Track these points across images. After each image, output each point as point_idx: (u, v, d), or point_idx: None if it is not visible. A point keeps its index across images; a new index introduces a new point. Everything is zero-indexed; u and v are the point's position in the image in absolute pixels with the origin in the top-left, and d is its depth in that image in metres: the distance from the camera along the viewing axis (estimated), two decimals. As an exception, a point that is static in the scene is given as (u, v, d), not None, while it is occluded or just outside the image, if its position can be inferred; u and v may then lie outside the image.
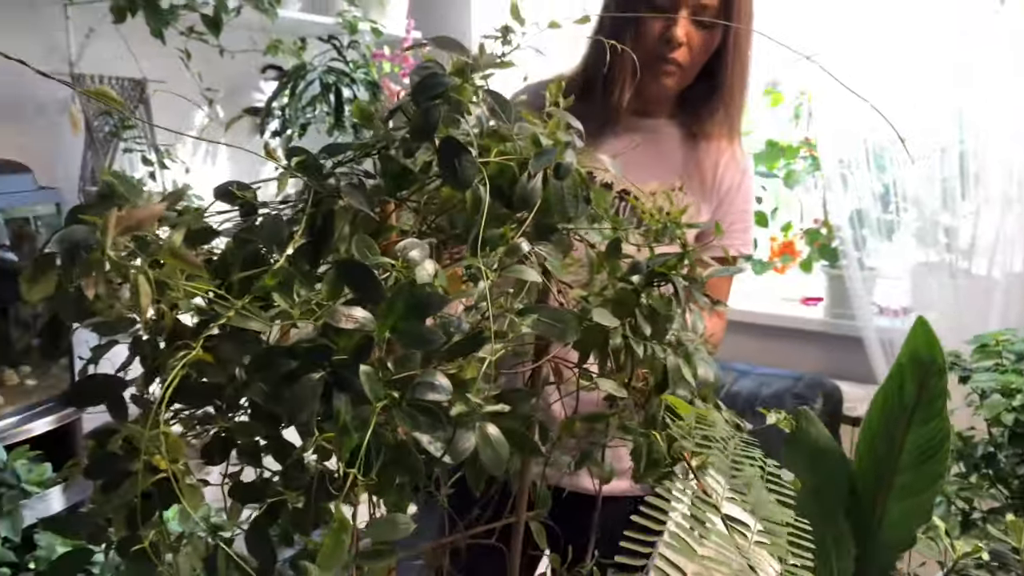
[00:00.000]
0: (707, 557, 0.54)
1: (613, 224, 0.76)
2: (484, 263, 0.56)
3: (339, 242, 0.60)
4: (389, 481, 0.57)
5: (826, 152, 2.27)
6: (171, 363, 0.48)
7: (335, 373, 0.53)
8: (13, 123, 2.01)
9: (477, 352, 0.53)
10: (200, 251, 0.60)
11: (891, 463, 1.07)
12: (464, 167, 0.60)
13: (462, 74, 0.61)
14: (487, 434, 0.52)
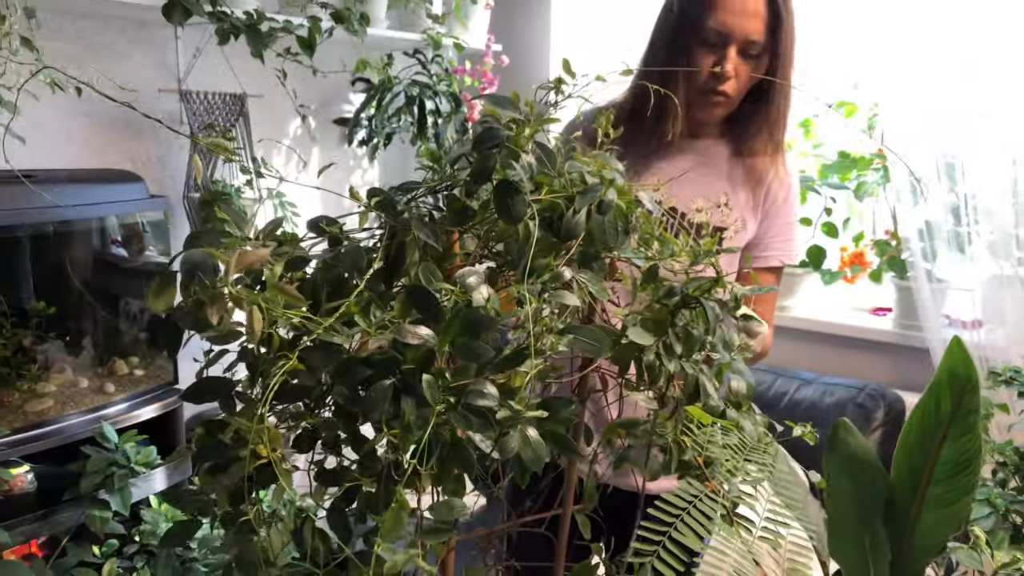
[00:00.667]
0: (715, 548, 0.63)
1: (662, 246, 0.86)
2: (530, 289, 0.66)
3: (409, 268, 0.71)
4: (447, 472, 0.68)
5: (896, 163, 2.29)
6: (272, 369, 0.59)
7: (403, 380, 0.64)
8: (128, 137, 2.20)
9: (520, 366, 0.63)
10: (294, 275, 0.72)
11: (926, 474, 1.12)
12: (516, 205, 0.70)
13: (515, 127, 0.70)
14: (527, 436, 0.62)
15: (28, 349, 1.87)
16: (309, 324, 0.61)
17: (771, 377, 2.35)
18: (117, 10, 2.05)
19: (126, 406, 1.95)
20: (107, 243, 2.07)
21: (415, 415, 0.62)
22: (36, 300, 1.89)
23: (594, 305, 0.84)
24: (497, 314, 0.66)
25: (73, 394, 1.90)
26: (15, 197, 1.74)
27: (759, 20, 1.29)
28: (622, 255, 0.84)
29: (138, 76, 2.21)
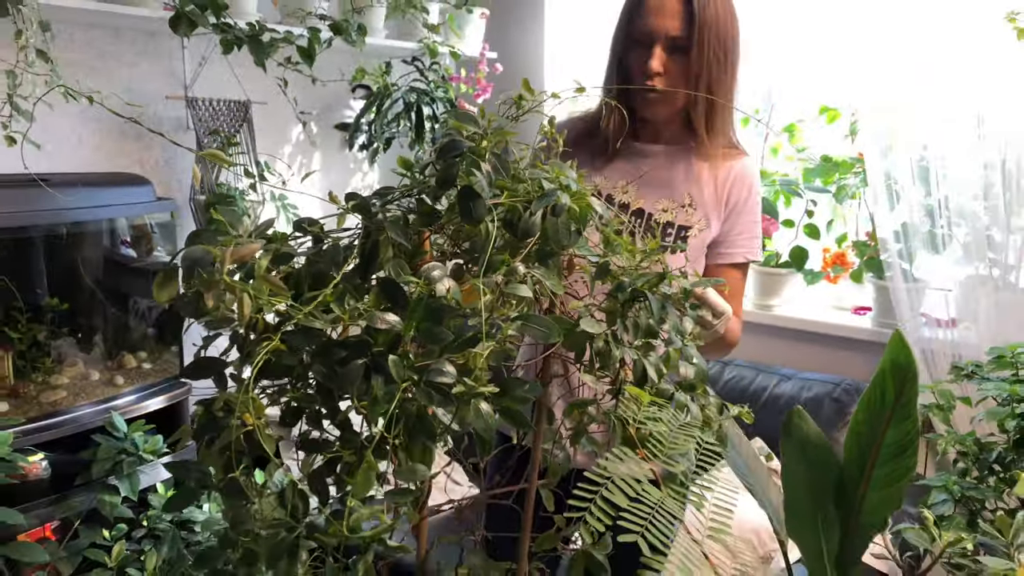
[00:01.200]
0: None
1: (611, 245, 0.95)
2: (486, 282, 0.76)
3: (384, 263, 0.81)
4: (415, 442, 0.77)
5: (873, 167, 2.37)
6: (258, 349, 0.69)
7: (373, 360, 0.73)
8: (137, 142, 2.30)
9: (475, 348, 0.73)
10: (281, 269, 0.82)
11: (872, 456, 1.21)
12: (476, 208, 0.80)
13: (477, 140, 0.80)
14: (479, 408, 0.72)
15: (42, 343, 1.97)
16: (291, 310, 0.71)
17: (752, 372, 2.44)
18: (127, 21, 2.15)
19: (134, 398, 2.05)
20: (117, 243, 2.17)
21: (383, 391, 0.72)
22: (50, 297, 1.99)
23: (553, 298, 0.94)
24: (458, 304, 0.76)
25: (85, 386, 2.00)
26: (31, 199, 1.85)
27: (677, 18, 1.38)
28: (577, 252, 0.93)
29: (147, 84, 2.31)
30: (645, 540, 0.70)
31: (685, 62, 1.40)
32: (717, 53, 1.40)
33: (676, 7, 1.38)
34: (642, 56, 1.41)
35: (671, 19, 1.38)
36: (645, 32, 1.41)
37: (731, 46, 1.43)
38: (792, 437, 1.29)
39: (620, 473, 0.73)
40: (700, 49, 1.38)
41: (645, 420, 0.80)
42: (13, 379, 1.92)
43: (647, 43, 1.41)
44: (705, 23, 1.38)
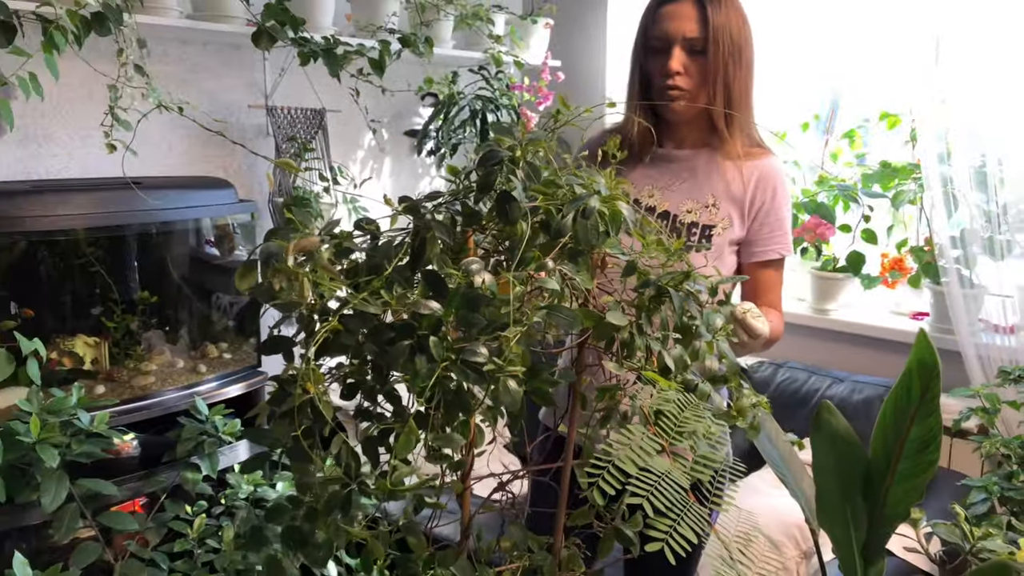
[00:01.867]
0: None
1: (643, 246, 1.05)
2: (517, 276, 0.86)
3: (430, 258, 0.92)
4: (453, 416, 0.88)
5: (931, 172, 2.39)
6: (319, 328, 0.81)
7: (418, 341, 0.84)
8: (221, 148, 2.48)
9: (504, 332, 0.83)
10: (343, 261, 0.93)
11: (897, 451, 1.27)
12: (512, 211, 0.90)
13: (513, 150, 0.91)
14: (507, 385, 0.82)
15: (135, 333, 2.16)
16: (349, 296, 0.82)
17: (805, 375, 2.48)
18: (214, 36, 2.32)
19: (215, 384, 2.22)
20: (201, 243, 2.35)
21: (425, 368, 0.83)
22: (142, 291, 2.17)
23: (586, 293, 1.04)
24: (493, 294, 0.86)
25: (171, 373, 2.18)
26: (126, 201, 2.02)
27: (693, 20, 1.48)
28: (607, 252, 1.03)
29: (231, 93, 2.49)
30: (650, 504, 0.79)
31: (703, 62, 1.49)
32: (732, 52, 1.49)
33: (691, 11, 1.48)
34: (662, 60, 1.51)
35: (687, 22, 1.48)
36: (663, 37, 1.51)
37: (744, 45, 1.52)
38: (822, 431, 1.36)
39: (628, 445, 0.82)
40: (716, 48, 1.48)
41: (657, 401, 0.88)
42: (108, 365, 2.11)
43: (666, 47, 1.50)
44: (719, 24, 1.47)
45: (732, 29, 1.49)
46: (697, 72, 1.50)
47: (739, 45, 1.50)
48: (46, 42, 1.69)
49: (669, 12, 1.51)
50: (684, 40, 1.49)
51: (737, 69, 1.50)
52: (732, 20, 1.50)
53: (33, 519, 1.84)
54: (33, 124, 2.12)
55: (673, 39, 1.49)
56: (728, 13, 1.49)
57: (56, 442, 1.74)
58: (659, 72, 1.52)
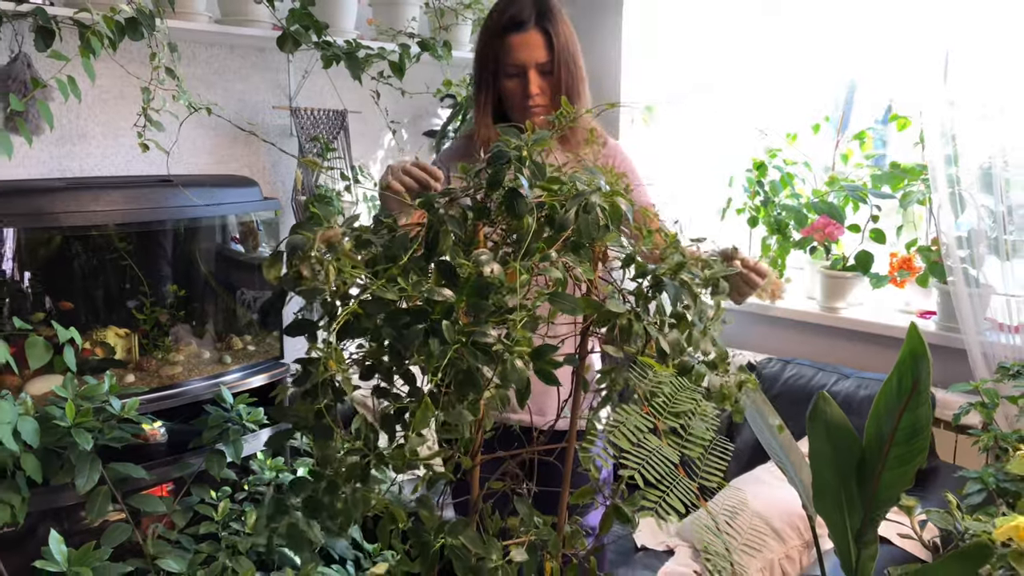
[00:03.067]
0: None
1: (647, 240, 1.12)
2: (523, 265, 0.93)
3: (443, 249, 0.99)
4: (464, 394, 0.95)
5: (938, 174, 2.44)
6: (340, 312, 0.88)
7: (431, 325, 0.91)
8: (246, 147, 2.57)
9: (510, 316, 0.90)
10: (363, 252, 1.01)
11: (889, 438, 1.33)
12: (519, 206, 0.97)
13: (519, 149, 0.98)
14: (514, 364, 0.89)
15: (163, 325, 2.25)
16: (368, 283, 0.90)
17: (812, 371, 2.53)
18: (240, 40, 2.41)
19: (240, 374, 2.31)
20: (227, 239, 2.44)
21: (439, 349, 0.90)
22: (170, 285, 2.26)
23: (589, 283, 1.11)
24: (501, 283, 0.94)
25: (197, 363, 2.27)
26: (155, 198, 2.12)
27: (541, 48, 1.68)
28: (610, 246, 1.10)
29: (256, 95, 2.58)
30: (641, 476, 0.86)
31: (552, 80, 1.71)
32: (571, 68, 1.72)
33: (538, 39, 1.69)
34: (519, 83, 1.71)
35: (537, 50, 1.69)
36: (518, 65, 1.70)
37: (579, 59, 1.75)
38: (818, 420, 1.42)
39: (623, 423, 0.89)
40: (562, 68, 1.70)
41: (652, 383, 0.95)
42: (138, 355, 2.20)
43: (521, 72, 1.70)
44: (562, 48, 1.70)
45: (571, 47, 1.72)
46: (549, 88, 1.71)
47: (575, 57, 1.73)
48: (83, 46, 1.78)
49: (519, 42, 1.69)
50: (537, 65, 1.69)
51: (578, 78, 1.73)
52: (570, 39, 1.72)
53: (67, 500, 1.93)
54: (69, 124, 2.21)
55: (527, 66, 1.69)
56: (566, 34, 1.71)
57: (90, 426, 1.84)
58: (519, 94, 1.72)
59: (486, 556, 1.06)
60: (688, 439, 0.91)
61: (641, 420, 0.90)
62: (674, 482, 0.86)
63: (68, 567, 1.74)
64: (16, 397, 1.82)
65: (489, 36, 1.74)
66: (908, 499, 1.59)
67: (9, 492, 1.74)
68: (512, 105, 1.75)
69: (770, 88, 2.96)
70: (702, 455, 0.92)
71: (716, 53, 2.97)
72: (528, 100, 1.71)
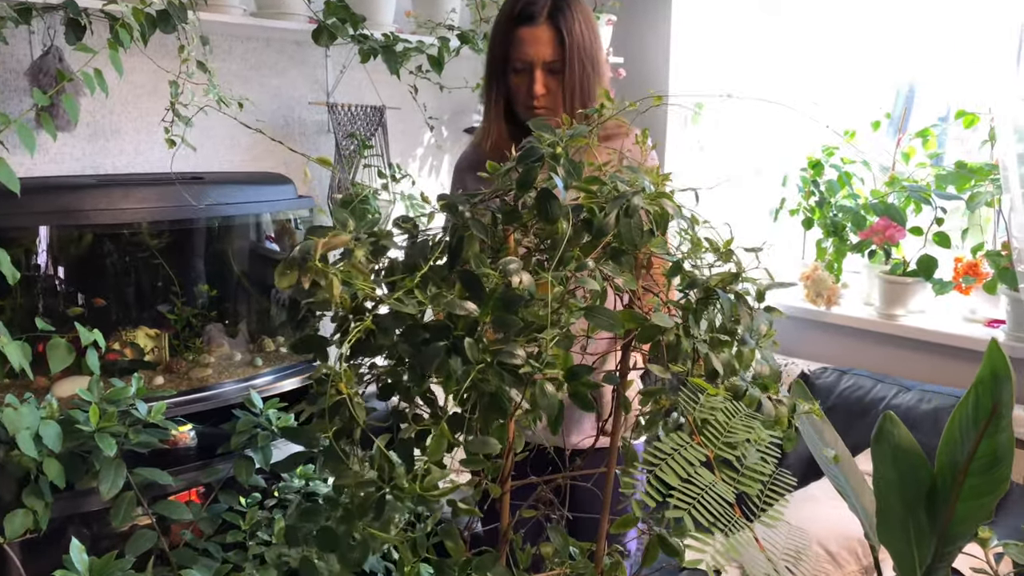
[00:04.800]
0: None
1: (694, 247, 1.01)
2: (555, 276, 0.84)
3: (469, 257, 0.90)
4: (490, 420, 0.86)
5: (1010, 174, 2.28)
6: (353, 327, 0.79)
7: (453, 343, 0.82)
8: (281, 145, 2.50)
9: (540, 334, 0.80)
10: (381, 260, 0.92)
11: (964, 466, 1.20)
12: (552, 208, 0.87)
13: (554, 146, 0.88)
14: (544, 389, 0.80)
15: (195, 325, 2.19)
16: (383, 296, 0.81)
17: (871, 382, 2.39)
18: (276, 34, 2.35)
19: (271, 378, 2.24)
20: (262, 238, 2.38)
21: (461, 370, 0.81)
22: (202, 284, 2.21)
23: (632, 295, 1.01)
24: (531, 295, 0.84)
25: (228, 365, 2.21)
26: (190, 195, 2.06)
27: (550, 44, 1.57)
28: (655, 252, 1.00)
29: (293, 90, 2.51)
30: (692, 517, 0.75)
31: (561, 80, 1.59)
32: (586, 67, 1.59)
33: (548, 35, 1.57)
34: (524, 80, 1.60)
35: (545, 46, 1.57)
36: (525, 61, 1.59)
37: (597, 53, 1.62)
38: (883, 443, 1.30)
39: (671, 455, 0.79)
40: (571, 68, 1.57)
41: (704, 409, 0.85)
42: (168, 356, 2.15)
43: (527, 68, 1.59)
44: (573, 45, 1.57)
45: (586, 45, 1.59)
46: (557, 88, 1.60)
47: (592, 56, 1.61)
48: (111, 39, 1.72)
49: (527, 36, 1.58)
50: (544, 63, 1.58)
51: (591, 82, 1.60)
52: (585, 36, 1.59)
53: (92, 506, 1.88)
54: (101, 120, 2.17)
55: (534, 63, 1.58)
56: (581, 30, 1.59)
57: (114, 431, 1.78)
58: (524, 92, 1.61)
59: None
60: (745, 473, 0.80)
61: (692, 452, 0.79)
62: (730, 523, 0.76)
63: (89, 575, 1.69)
64: (42, 399, 1.77)
65: (500, 26, 1.63)
66: (983, 530, 1.46)
67: (32, 497, 1.70)
68: (517, 103, 1.65)
69: (827, 84, 2.82)
70: (760, 492, 0.81)
71: (769, 49, 2.83)
72: (532, 100, 1.60)
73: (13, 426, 1.51)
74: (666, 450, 0.79)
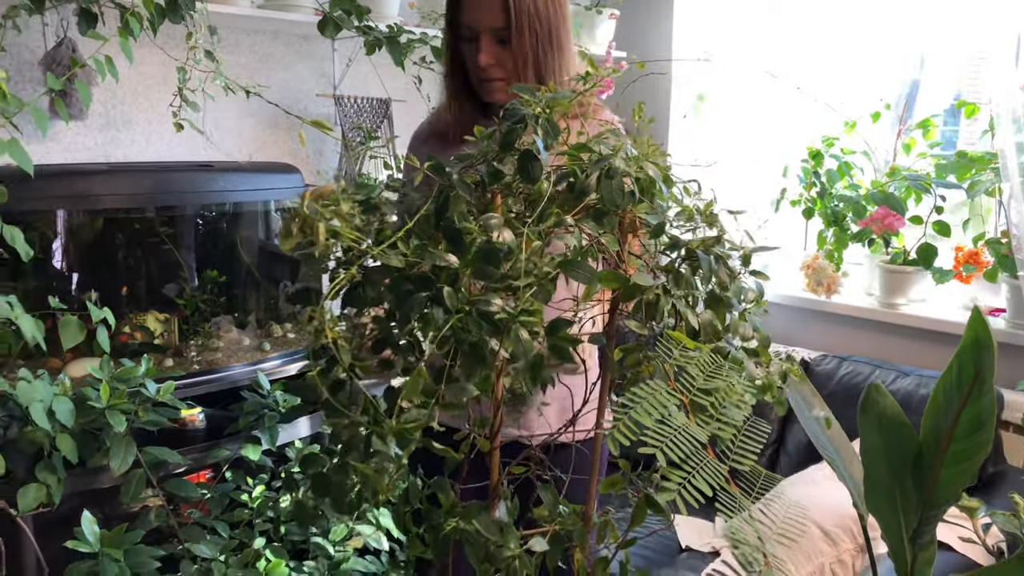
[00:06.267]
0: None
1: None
2: (534, 230, 0.87)
3: (457, 215, 0.93)
4: (472, 370, 0.90)
5: (1010, 163, 2.30)
6: (340, 277, 0.83)
7: (435, 293, 0.86)
8: (288, 134, 2.56)
9: (516, 283, 0.84)
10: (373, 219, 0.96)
11: (948, 432, 1.23)
12: (533, 169, 0.91)
13: (532, 107, 0.92)
14: (519, 335, 0.84)
15: (204, 310, 2.24)
16: (369, 248, 0.85)
17: (869, 368, 2.41)
18: (284, 26, 2.40)
19: (279, 362, 2.29)
20: (269, 226, 2.43)
21: (442, 319, 0.85)
22: (210, 270, 2.26)
23: (617, 256, 1.04)
24: (509, 249, 0.88)
25: (236, 349, 2.26)
26: (196, 183, 2.11)
27: (495, 9, 1.42)
28: (639, 216, 1.03)
29: (300, 83, 2.57)
30: (664, 454, 0.79)
31: (513, 49, 1.44)
32: (542, 36, 1.43)
33: (493, 1, 1.42)
34: (473, 49, 1.47)
35: (489, 11, 1.43)
36: (471, 27, 1.46)
37: (559, 24, 1.46)
38: (869, 412, 1.32)
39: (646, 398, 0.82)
40: (520, 35, 1.42)
41: (680, 359, 0.88)
42: (178, 340, 2.20)
43: (474, 36, 1.46)
44: (522, 11, 1.42)
45: (540, 12, 1.43)
46: (509, 59, 1.46)
47: (550, 27, 1.45)
48: (121, 27, 1.78)
49: (471, 1, 1.46)
50: (490, 30, 1.44)
51: (549, 51, 1.45)
52: (539, 2, 1.43)
53: (103, 483, 1.93)
54: (113, 110, 2.23)
55: (478, 29, 1.45)
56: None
57: (125, 408, 1.83)
58: (472, 62, 1.48)
59: (503, 544, 1.01)
60: (720, 419, 0.84)
61: (667, 396, 0.83)
62: (701, 463, 0.79)
63: (100, 548, 1.73)
64: (55, 379, 1.82)
65: None
66: (971, 501, 1.48)
67: (45, 472, 1.74)
68: (470, 74, 1.51)
69: (827, 75, 2.84)
70: (735, 436, 0.84)
71: (771, 43, 2.86)
72: (482, 71, 1.47)
73: (27, 398, 1.56)
74: (641, 395, 0.83)
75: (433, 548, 1.04)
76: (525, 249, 0.85)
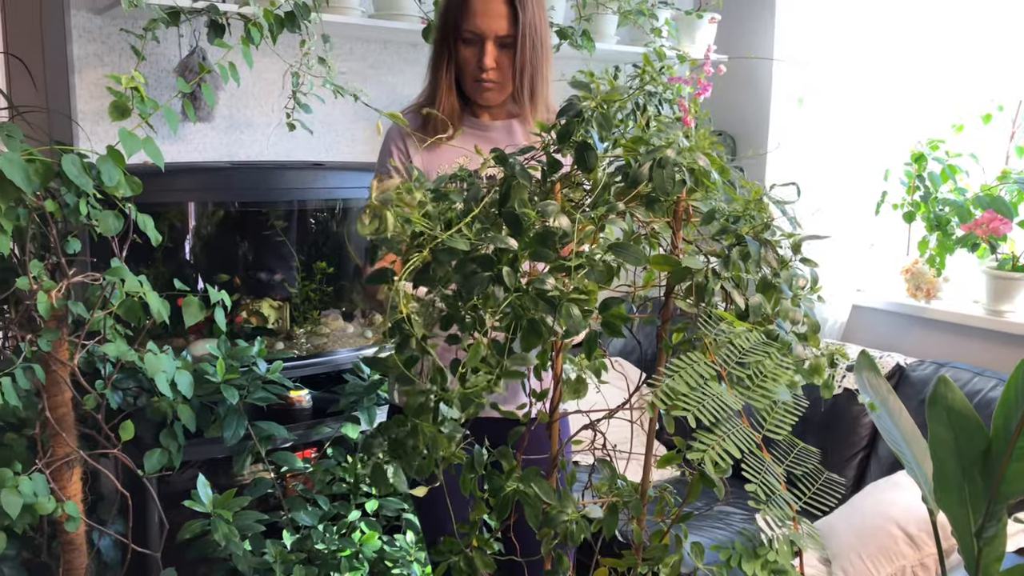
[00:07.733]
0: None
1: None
2: (587, 216, 0.95)
3: (518, 202, 1.02)
4: (530, 344, 0.98)
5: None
6: (411, 259, 0.94)
7: (496, 273, 0.95)
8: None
9: (568, 262, 0.92)
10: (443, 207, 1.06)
11: (1018, 427, 1.23)
12: (589, 158, 0.99)
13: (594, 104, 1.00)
14: (570, 311, 0.92)
15: (312, 299, 2.41)
16: (440, 233, 0.95)
17: (969, 375, 2.35)
18: (393, 35, 2.55)
19: (379, 349, 2.43)
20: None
21: (502, 297, 0.94)
22: (320, 262, 2.43)
23: (674, 240, 1.11)
24: (565, 233, 0.96)
25: (341, 336, 2.42)
26: (311, 180, 2.28)
27: (503, 19, 1.59)
28: (692, 204, 1.09)
29: (408, 89, 2.72)
30: (695, 417, 0.85)
31: (512, 56, 1.61)
32: (536, 46, 1.62)
33: (502, 8, 1.59)
34: (474, 52, 1.62)
35: (499, 20, 1.59)
36: (476, 32, 1.60)
37: (545, 32, 1.66)
38: (938, 405, 1.33)
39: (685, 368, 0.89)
40: (523, 45, 1.60)
41: (726, 336, 0.94)
42: (289, 325, 2.38)
43: (478, 41, 1.61)
44: (526, 22, 1.59)
45: (537, 23, 1.61)
46: (508, 64, 1.62)
47: (542, 36, 1.64)
48: (244, 36, 1.96)
49: (481, 8, 1.59)
50: (497, 37, 1.59)
51: (542, 57, 1.64)
52: (538, 15, 1.62)
53: (218, 453, 2.11)
54: (236, 114, 2.43)
55: (486, 36, 1.59)
56: (534, 8, 1.61)
57: (238, 383, 2.01)
58: (473, 64, 1.62)
59: (561, 509, 1.09)
60: (756, 389, 0.89)
61: (704, 367, 0.89)
62: (733, 429, 0.85)
63: (213, 509, 1.91)
64: (178, 356, 2.01)
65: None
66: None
67: (168, 439, 1.93)
68: (464, 75, 1.65)
69: (933, 78, 2.78)
70: (770, 406, 0.89)
71: (873, 47, 2.82)
72: (481, 72, 1.62)
73: (152, 368, 1.74)
74: (679, 365, 0.89)
75: (496, 510, 1.13)
76: (574, 229, 0.93)
